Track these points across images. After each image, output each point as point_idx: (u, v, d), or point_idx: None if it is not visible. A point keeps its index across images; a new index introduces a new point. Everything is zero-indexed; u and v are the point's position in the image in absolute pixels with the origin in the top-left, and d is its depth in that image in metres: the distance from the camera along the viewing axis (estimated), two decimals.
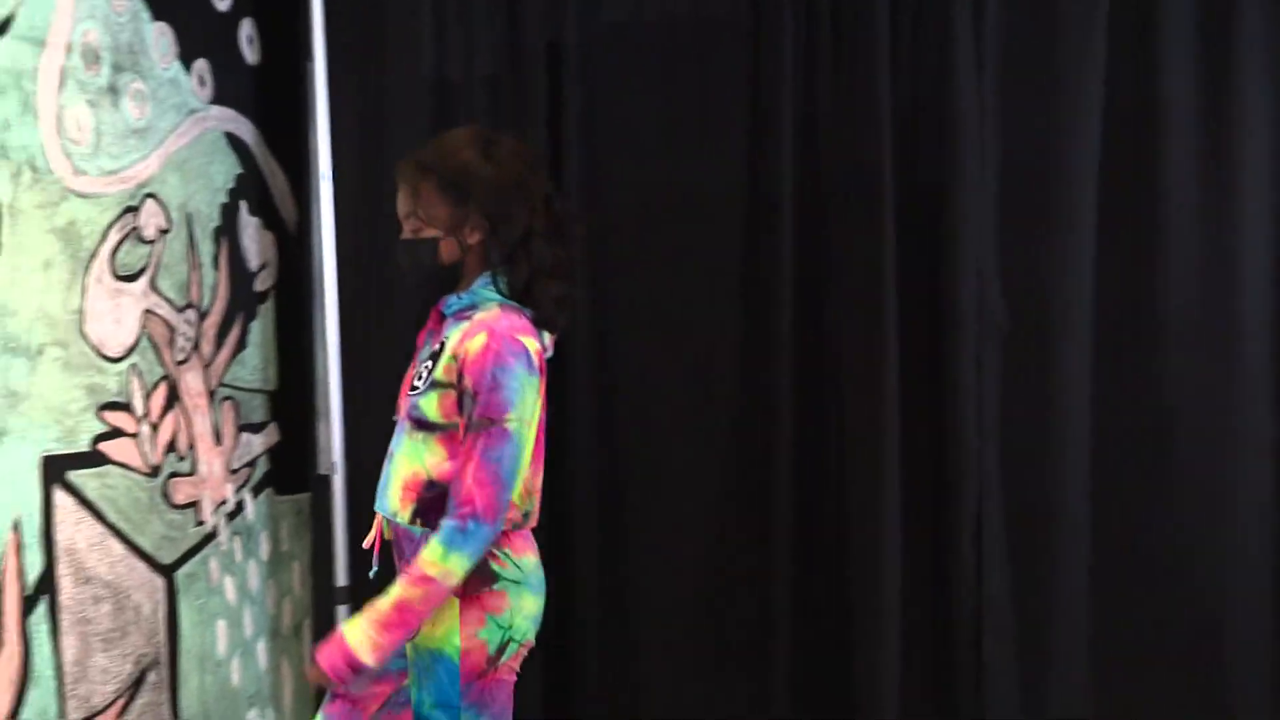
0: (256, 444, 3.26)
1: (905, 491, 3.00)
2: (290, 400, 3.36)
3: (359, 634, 1.94)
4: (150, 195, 2.85)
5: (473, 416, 1.95)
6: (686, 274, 3.10)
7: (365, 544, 2.13)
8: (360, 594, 3.17)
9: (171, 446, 2.91)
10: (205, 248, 3.05)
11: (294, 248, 3.37)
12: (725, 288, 3.11)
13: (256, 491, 3.25)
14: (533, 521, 2.15)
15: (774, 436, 3.07)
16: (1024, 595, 3.03)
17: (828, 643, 3.09)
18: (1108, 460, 3.00)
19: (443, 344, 2.02)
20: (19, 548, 2.50)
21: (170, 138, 2.91)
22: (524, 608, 2.06)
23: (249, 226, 3.23)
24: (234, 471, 3.16)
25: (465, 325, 2.01)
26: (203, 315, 3.03)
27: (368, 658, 1.93)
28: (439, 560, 1.92)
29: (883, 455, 2.98)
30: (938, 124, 2.99)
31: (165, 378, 2.90)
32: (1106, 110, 2.94)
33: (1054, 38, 2.94)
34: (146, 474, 2.83)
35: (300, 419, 3.35)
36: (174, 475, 2.92)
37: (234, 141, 3.16)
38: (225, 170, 3.14)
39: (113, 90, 2.74)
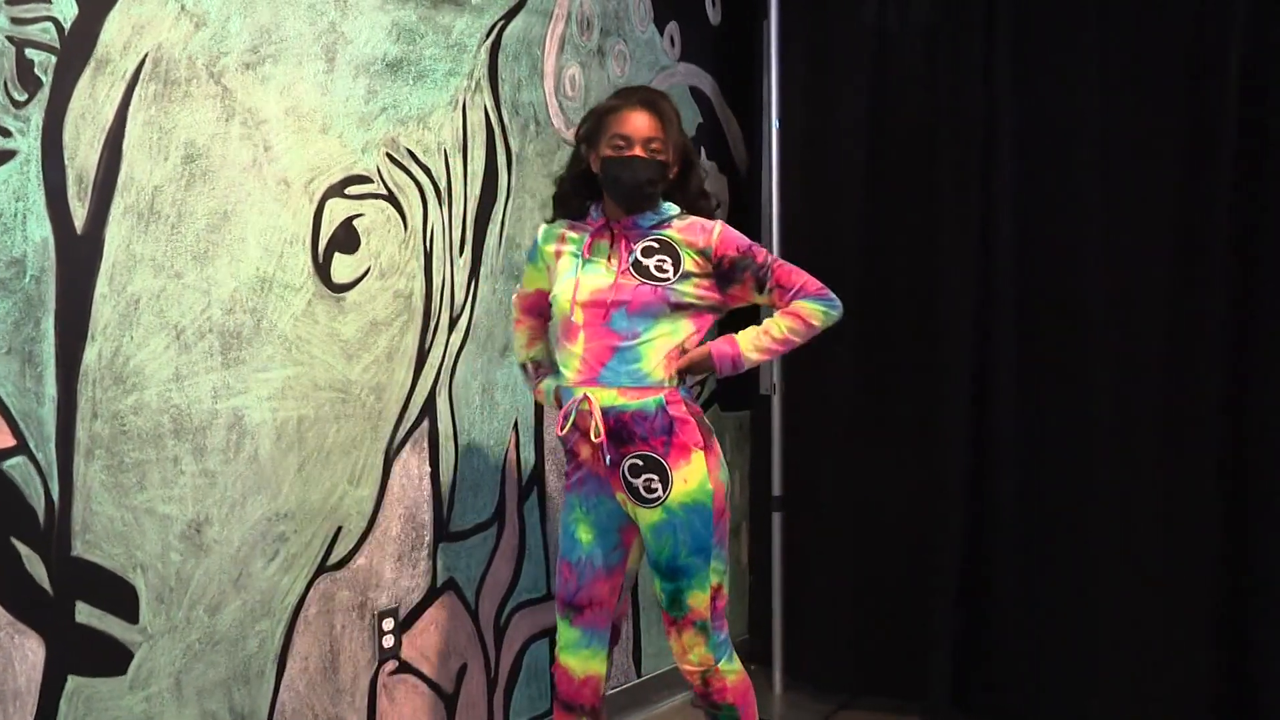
0: None
1: None
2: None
3: (749, 343, 2.38)
4: None
5: (757, 265, 2.37)
6: (1121, 223, 3.01)
7: (595, 438, 2.33)
8: (793, 503, 3.50)
9: None
10: None
11: (744, 188, 3.70)
12: (1156, 232, 2.98)
13: (705, 406, 3.62)
14: None
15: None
16: None
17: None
18: None
19: (661, 243, 2.35)
20: (518, 445, 2.98)
21: None
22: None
23: (707, 169, 3.57)
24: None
25: (676, 230, 2.36)
26: None
27: (753, 356, 2.38)
28: (823, 314, 2.36)
29: None
30: None
31: None
32: None
33: None
34: None
35: None
36: None
37: (696, 94, 3.51)
38: (688, 120, 3.48)
39: (600, 52, 3.14)
